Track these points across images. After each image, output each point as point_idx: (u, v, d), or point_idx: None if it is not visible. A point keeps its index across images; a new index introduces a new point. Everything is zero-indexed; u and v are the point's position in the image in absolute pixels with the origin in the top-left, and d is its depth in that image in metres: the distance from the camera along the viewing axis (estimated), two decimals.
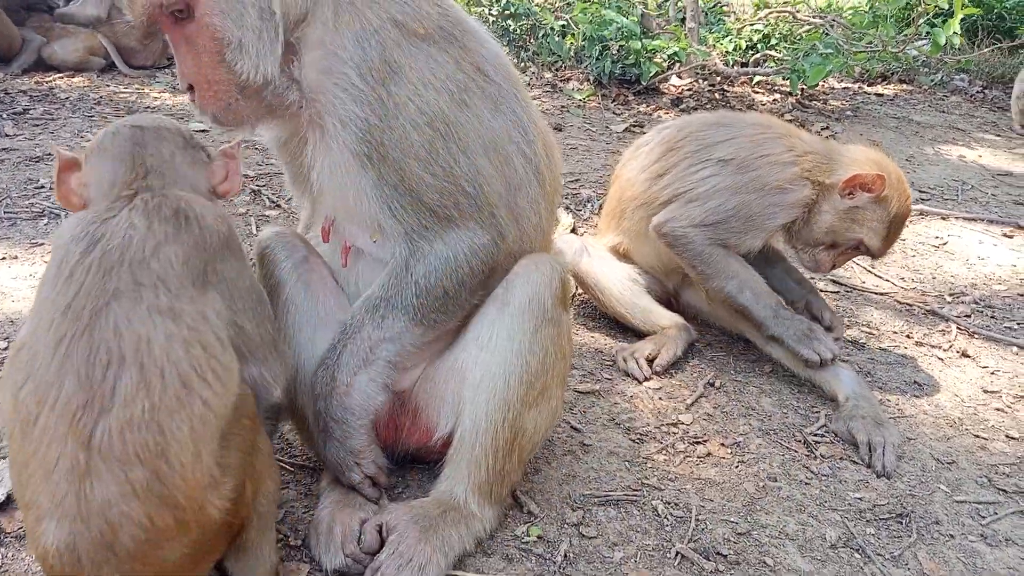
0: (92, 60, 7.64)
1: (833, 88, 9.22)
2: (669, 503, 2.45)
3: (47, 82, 7.19)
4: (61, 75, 7.45)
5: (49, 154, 5.20)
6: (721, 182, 3.12)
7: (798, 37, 8.86)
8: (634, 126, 7.16)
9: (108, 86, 7.23)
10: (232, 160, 1.98)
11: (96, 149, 1.89)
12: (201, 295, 1.69)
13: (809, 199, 3.14)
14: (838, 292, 4.11)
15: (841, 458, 2.77)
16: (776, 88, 8.68)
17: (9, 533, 2.05)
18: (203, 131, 4.43)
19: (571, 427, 2.78)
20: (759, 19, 9.35)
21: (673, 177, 3.22)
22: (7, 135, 5.48)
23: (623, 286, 3.39)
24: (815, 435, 2.88)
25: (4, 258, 3.65)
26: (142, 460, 1.52)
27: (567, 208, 4.92)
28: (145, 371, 1.55)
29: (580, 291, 3.67)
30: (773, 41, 9.00)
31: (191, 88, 2.06)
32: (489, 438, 2.13)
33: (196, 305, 1.67)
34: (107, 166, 1.85)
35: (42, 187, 4.58)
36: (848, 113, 7.99)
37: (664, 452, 2.71)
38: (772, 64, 8.48)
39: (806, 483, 2.62)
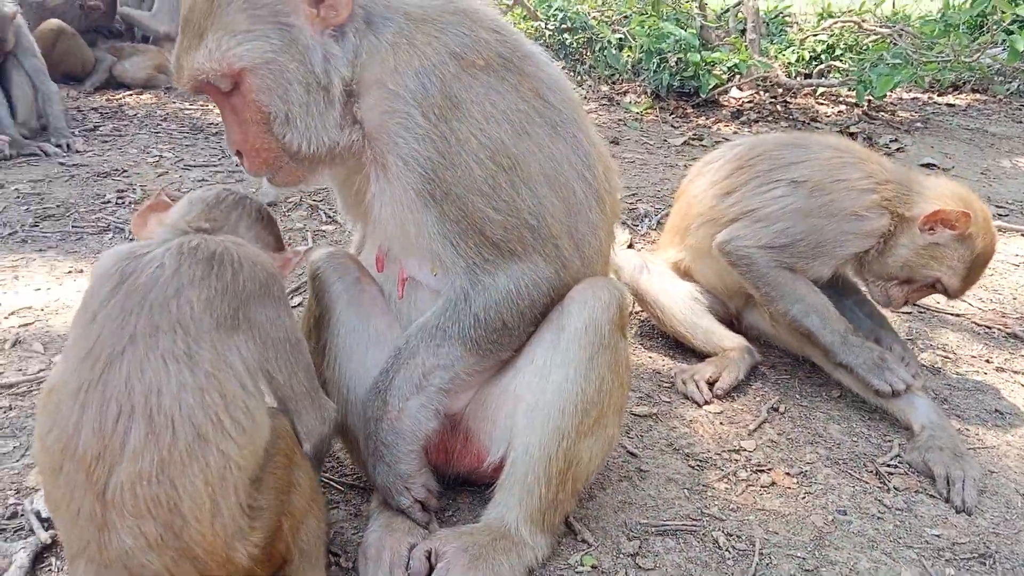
0: (159, 77, 7.87)
1: (901, 99, 8.91)
2: (731, 535, 2.33)
3: (117, 99, 7.43)
4: (130, 92, 7.70)
5: (116, 169, 5.34)
6: (792, 204, 3.00)
7: (864, 47, 8.59)
8: (693, 139, 7.02)
9: (175, 103, 7.43)
10: (290, 262, 2.03)
11: (186, 197, 1.96)
12: (227, 340, 1.64)
13: (885, 230, 2.99)
14: (911, 314, 3.91)
15: (917, 491, 2.60)
16: (841, 100, 8.42)
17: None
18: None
19: (627, 452, 2.68)
20: (823, 29, 9.11)
21: (741, 195, 3.11)
22: (78, 151, 5.66)
23: (684, 305, 3.28)
24: (888, 466, 2.72)
25: (70, 271, 3.74)
26: (154, 515, 1.50)
27: (624, 223, 4.83)
28: (154, 423, 1.52)
29: (639, 309, 3.58)
30: (838, 52, 8.75)
31: (239, 153, 2.05)
32: (542, 466, 2.05)
33: (218, 351, 1.62)
34: (180, 210, 1.91)
35: (108, 202, 4.70)
36: (918, 125, 7.69)
37: (725, 480, 2.59)
38: (837, 75, 8.24)
39: (879, 517, 2.46)
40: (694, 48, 7.60)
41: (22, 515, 2.14)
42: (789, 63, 8.51)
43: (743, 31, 8.70)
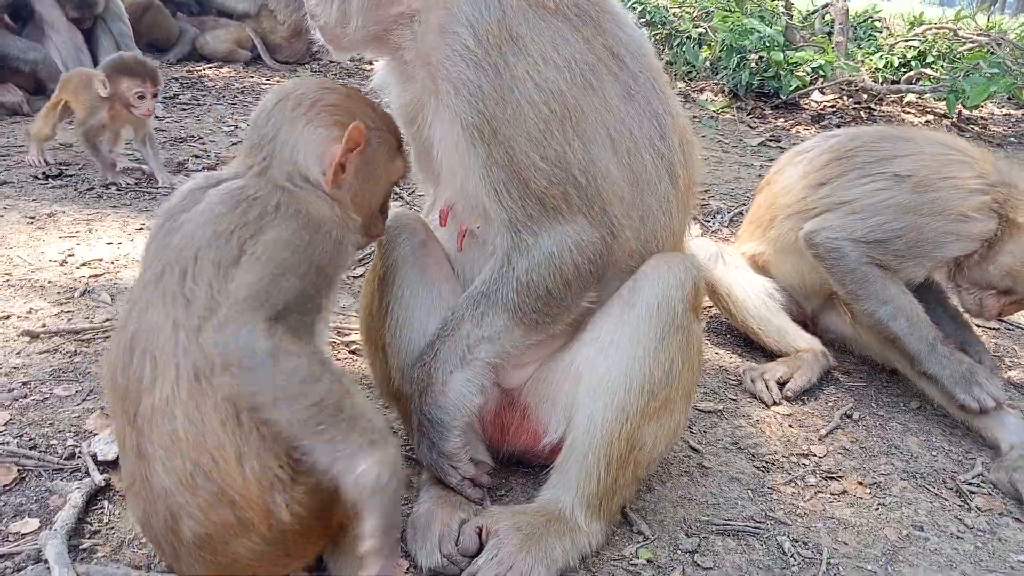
0: (239, 52, 8.02)
1: (993, 114, 8.48)
2: (797, 541, 2.19)
3: (197, 71, 7.59)
4: (211, 65, 7.86)
5: (193, 136, 5.44)
6: (892, 198, 2.82)
7: (958, 55, 8.21)
8: (770, 140, 6.81)
9: (252, 77, 7.56)
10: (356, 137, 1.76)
11: None
12: (225, 276, 1.54)
13: (991, 235, 2.79)
14: (998, 329, 3.68)
15: (1001, 513, 2.42)
16: (929, 109, 8.07)
17: (119, 491, 2.05)
18: None
19: (690, 447, 2.57)
20: (914, 35, 8.74)
21: (836, 187, 2.94)
22: (157, 117, 5.78)
23: (759, 300, 3.13)
24: (970, 484, 2.54)
25: (141, 228, 3.80)
26: (181, 450, 1.46)
27: (695, 218, 4.69)
28: (157, 362, 1.50)
29: (709, 301, 3.44)
30: (929, 59, 8.38)
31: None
32: (603, 448, 1.95)
33: (214, 288, 1.53)
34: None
35: (184, 164, 4.79)
36: (1012, 140, 7.31)
37: (792, 484, 2.45)
38: (927, 83, 7.89)
39: (958, 537, 2.30)
40: (778, 46, 7.37)
41: (79, 457, 2.14)
42: (876, 68, 8.19)
43: (830, 33, 8.41)
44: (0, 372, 2.46)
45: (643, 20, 8.69)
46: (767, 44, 7.37)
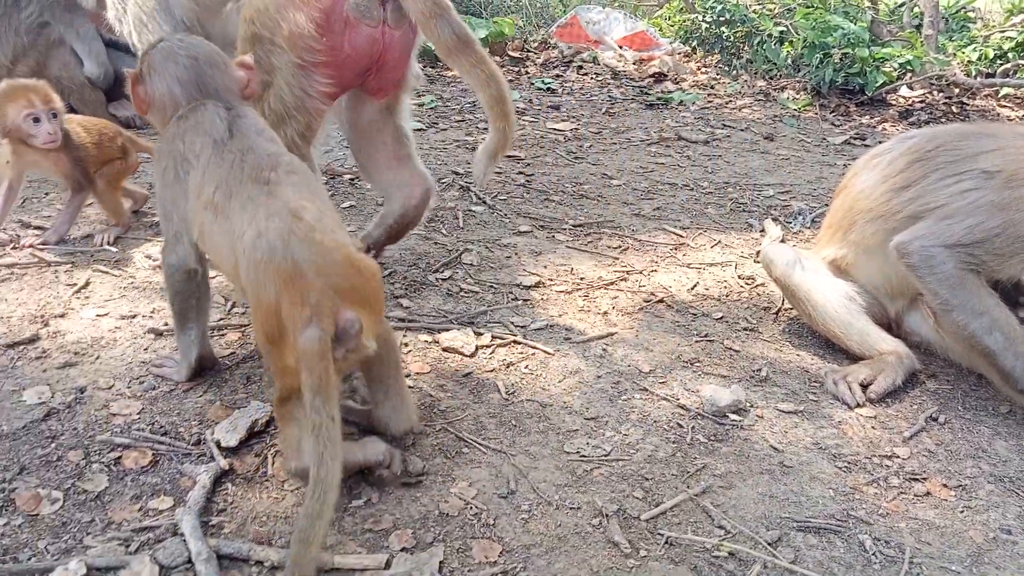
0: None
1: None
2: (879, 540, 2.23)
3: None
4: None
5: None
6: (983, 197, 2.77)
7: None
8: (855, 139, 6.69)
9: None
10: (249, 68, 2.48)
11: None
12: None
13: None
14: None
15: None
16: None
17: (240, 474, 2.26)
18: None
19: (770, 446, 2.63)
20: (1012, 25, 8.40)
21: (921, 190, 2.92)
22: None
23: (839, 304, 3.15)
24: None
25: None
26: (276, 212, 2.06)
27: (776, 219, 4.69)
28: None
29: (788, 306, 3.47)
30: None
31: None
32: None
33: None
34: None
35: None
36: None
37: (875, 485, 2.48)
38: None
39: None
40: (863, 43, 7.22)
41: (204, 443, 2.37)
42: (969, 61, 7.92)
43: (918, 26, 8.17)
44: (132, 366, 2.73)
45: (721, 19, 8.64)
46: (852, 41, 7.23)
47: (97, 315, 3.01)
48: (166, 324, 2.99)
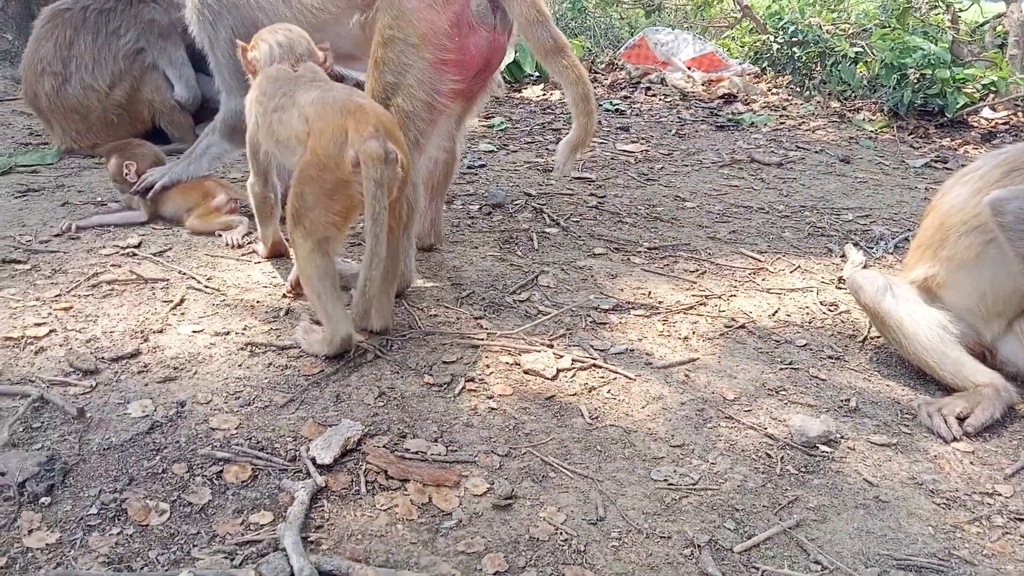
0: None
1: None
2: None
3: None
4: None
5: None
6: None
7: None
8: (936, 161, 6.52)
9: None
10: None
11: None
12: None
13: None
14: None
15: None
16: None
17: (335, 492, 2.31)
18: None
19: (864, 479, 2.56)
20: None
21: None
22: None
23: (932, 332, 3.06)
24: None
25: None
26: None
27: (857, 244, 4.59)
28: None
29: (875, 333, 3.39)
30: None
31: None
32: None
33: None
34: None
35: None
36: None
37: (977, 524, 2.40)
38: None
39: None
40: (944, 63, 7.04)
41: (299, 459, 2.43)
42: None
43: (1001, 46, 7.94)
44: (228, 381, 2.82)
45: (794, 40, 8.54)
46: (932, 62, 7.05)
47: (193, 331, 3.12)
48: (258, 342, 3.09)
